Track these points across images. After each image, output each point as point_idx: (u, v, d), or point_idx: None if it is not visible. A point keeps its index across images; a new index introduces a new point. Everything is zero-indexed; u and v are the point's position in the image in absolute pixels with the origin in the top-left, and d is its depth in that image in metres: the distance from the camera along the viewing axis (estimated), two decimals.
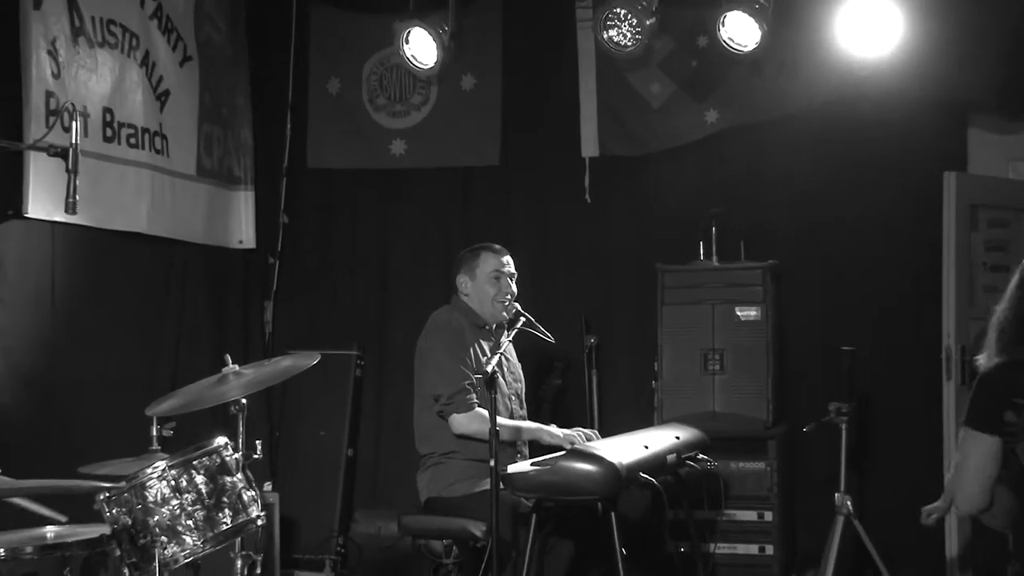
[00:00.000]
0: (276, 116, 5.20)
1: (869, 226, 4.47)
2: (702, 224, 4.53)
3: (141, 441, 2.89)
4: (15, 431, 3.74)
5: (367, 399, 5.04)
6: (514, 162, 4.98)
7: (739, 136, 4.68)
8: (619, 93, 4.79)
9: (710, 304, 4.39)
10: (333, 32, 5.16)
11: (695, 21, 4.55)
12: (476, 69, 4.98)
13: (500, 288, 3.58)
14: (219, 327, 4.97)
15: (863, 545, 3.91)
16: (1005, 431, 2.16)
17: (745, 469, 4.29)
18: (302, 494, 4.79)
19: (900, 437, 4.39)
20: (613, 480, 3.08)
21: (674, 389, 4.42)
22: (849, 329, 4.29)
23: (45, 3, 3.86)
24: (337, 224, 5.23)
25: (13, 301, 3.83)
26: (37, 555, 2.34)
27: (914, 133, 4.35)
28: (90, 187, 3.77)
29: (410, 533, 3.75)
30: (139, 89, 4.37)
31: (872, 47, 4.05)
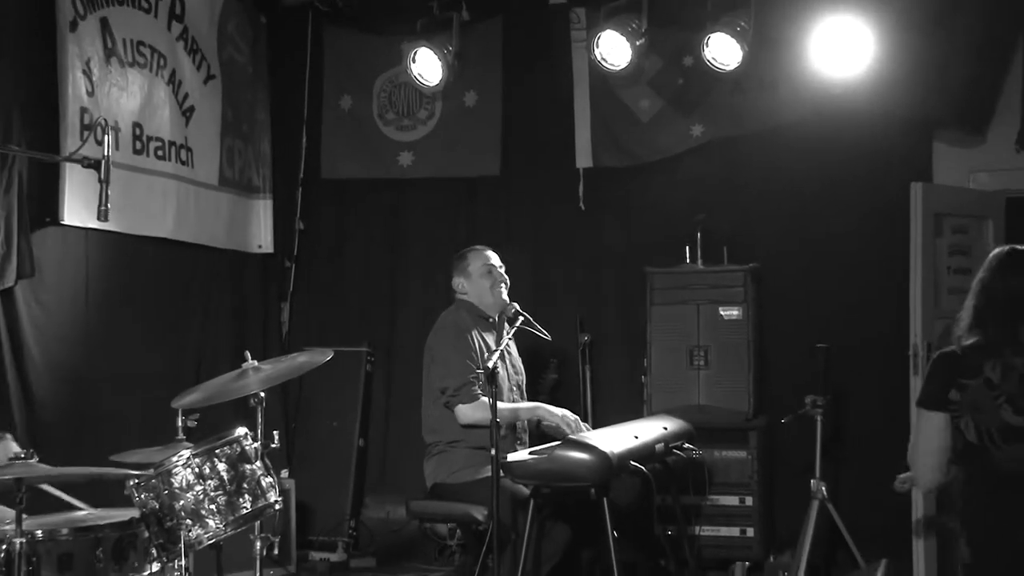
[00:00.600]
0: (292, 130, 5.20)
1: (843, 232, 4.46)
2: (688, 230, 4.52)
3: (167, 431, 2.84)
4: (52, 422, 3.76)
5: (376, 393, 5.03)
6: (513, 172, 4.97)
7: (722, 148, 4.68)
8: (611, 108, 4.79)
9: (695, 304, 4.40)
10: (345, 52, 5.16)
11: (681, 42, 4.54)
12: (478, 86, 4.98)
13: (495, 279, 3.60)
14: (239, 326, 4.96)
15: (836, 527, 3.92)
16: (950, 408, 2.20)
17: (728, 457, 4.29)
18: (316, 481, 4.79)
19: (871, 428, 4.38)
20: (605, 468, 3.10)
21: (662, 383, 4.43)
22: (824, 328, 4.28)
23: (80, 26, 3.88)
24: (349, 230, 5.23)
25: (50, 302, 3.85)
26: (72, 536, 2.35)
27: (883, 147, 4.36)
28: (121, 196, 3.78)
29: (417, 517, 3.76)
30: (166, 105, 4.39)
31: (845, 67, 4.07)
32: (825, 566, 3.99)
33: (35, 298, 3.78)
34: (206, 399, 2.85)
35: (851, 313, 4.43)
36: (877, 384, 4.33)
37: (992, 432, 2.16)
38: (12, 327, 3.66)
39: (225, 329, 4.85)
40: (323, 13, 5.10)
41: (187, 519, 2.44)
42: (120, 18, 4.11)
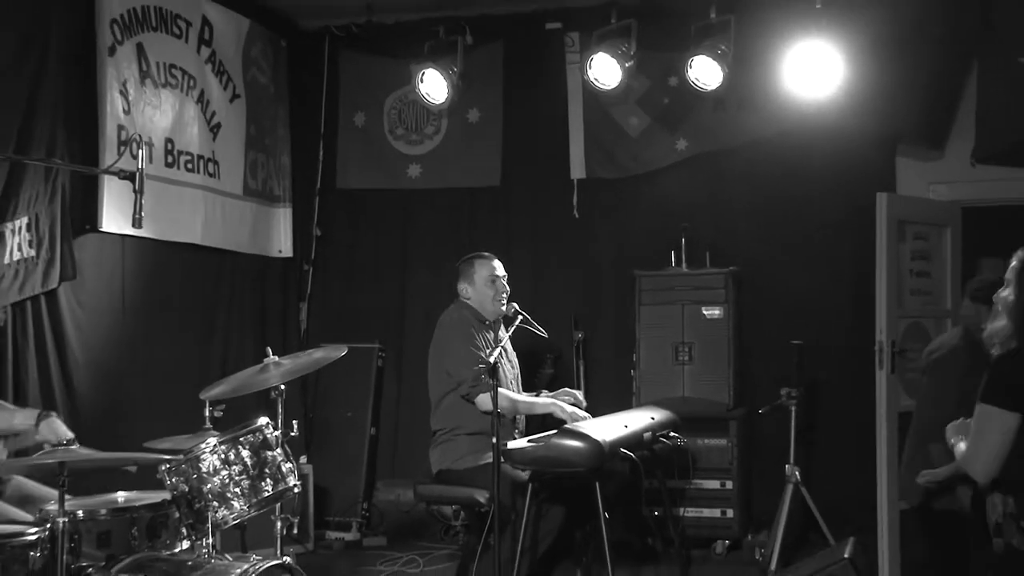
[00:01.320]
0: (310, 144, 5.21)
1: (815, 238, 4.48)
2: (673, 236, 4.53)
3: (196, 421, 2.84)
4: (92, 411, 3.77)
5: (387, 386, 4.99)
6: (513, 183, 4.98)
7: (705, 162, 4.70)
8: (602, 125, 4.80)
9: (680, 304, 4.41)
10: (359, 73, 5.16)
11: (667, 64, 4.56)
12: (480, 104, 4.99)
13: (497, 290, 3.57)
14: (261, 324, 4.96)
15: (809, 508, 3.92)
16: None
17: (709, 445, 4.30)
18: (332, 466, 4.77)
19: (840, 417, 4.39)
20: (597, 455, 3.10)
21: (649, 377, 4.44)
22: (798, 326, 4.26)
23: (119, 51, 3.90)
24: (362, 236, 5.21)
25: (89, 303, 3.86)
26: (110, 516, 2.36)
27: (851, 160, 4.38)
28: (154, 205, 3.78)
29: (424, 500, 3.76)
30: (195, 122, 4.40)
31: (816, 88, 4.06)
32: (798, 544, 3.97)
33: (76, 299, 3.79)
34: (231, 391, 2.85)
35: (822, 312, 4.44)
36: (846, 377, 4.34)
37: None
38: (56, 326, 3.68)
39: (248, 327, 4.85)
40: (339, 37, 5.12)
41: (214, 501, 2.44)
42: (154, 43, 4.13)
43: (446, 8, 4.71)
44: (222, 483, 2.46)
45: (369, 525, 4.72)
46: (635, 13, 4.39)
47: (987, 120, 4.18)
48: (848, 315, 4.36)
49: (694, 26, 4.25)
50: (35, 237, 3.55)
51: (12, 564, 2.06)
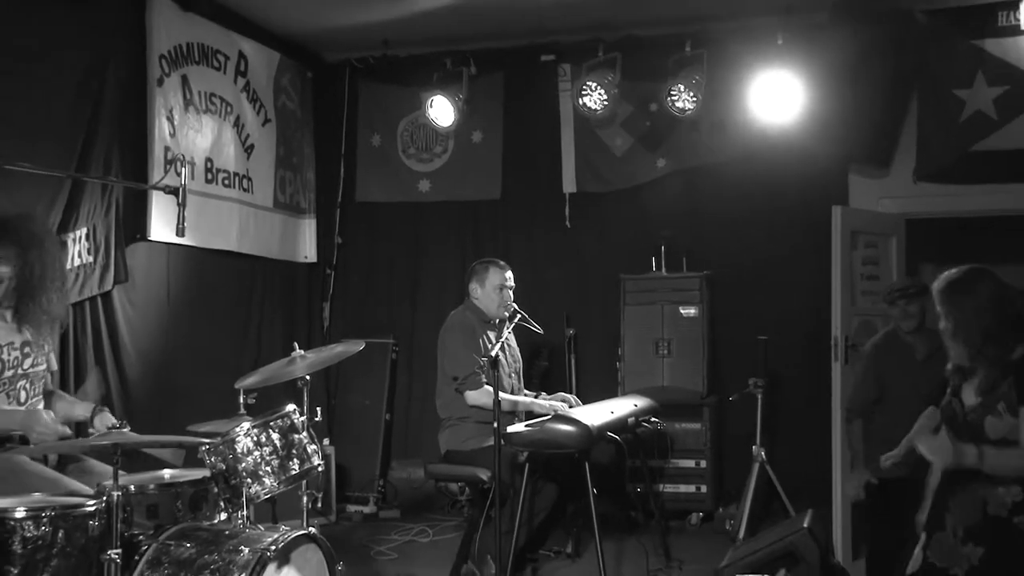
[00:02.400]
0: (332, 162, 5.18)
1: (778, 245, 4.48)
2: (654, 243, 4.56)
3: (232, 407, 2.86)
4: (141, 398, 3.79)
5: (400, 376, 5.01)
6: (511, 196, 4.96)
7: (682, 178, 4.70)
8: (591, 145, 4.81)
9: (660, 304, 4.43)
10: (375, 100, 5.16)
11: (648, 92, 4.57)
12: (483, 126, 4.99)
13: (503, 297, 3.54)
14: (289, 321, 4.96)
15: (773, 484, 3.96)
16: None
17: (685, 428, 4.33)
18: (352, 448, 4.79)
19: (800, 404, 4.40)
20: (586, 437, 3.12)
21: (633, 368, 4.45)
22: (764, 323, 4.28)
23: (166, 82, 3.93)
24: (378, 244, 5.19)
25: (139, 303, 3.88)
26: (157, 491, 2.34)
27: (810, 177, 4.39)
28: (195, 216, 3.78)
29: (433, 477, 3.81)
30: (232, 144, 4.41)
31: (779, 113, 4.12)
32: (763, 515, 3.98)
33: (128, 299, 3.81)
34: (263, 381, 2.85)
35: (785, 311, 4.45)
36: (805, 368, 4.35)
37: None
38: (110, 323, 3.70)
39: (278, 324, 4.86)
40: (358, 69, 5.11)
41: (248, 478, 2.40)
42: (197, 75, 4.14)
43: (452, 43, 4.71)
44: (255, 462, 2.44)
45: (384, 500, 4.74)
46: (619, 47, 4.44)
47: (925, 144, 4.23)
48: (807, 313, 4.37)
49: (671, 59, 4.31)
50: (93, 245, 3.57)
51: (74, 531, 2.05)
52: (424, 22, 4.46)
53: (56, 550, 2.02)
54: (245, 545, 2.17)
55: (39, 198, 3.30)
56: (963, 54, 4.07)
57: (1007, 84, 4.03)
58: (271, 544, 2.17)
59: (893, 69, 4.14)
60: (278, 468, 2.49)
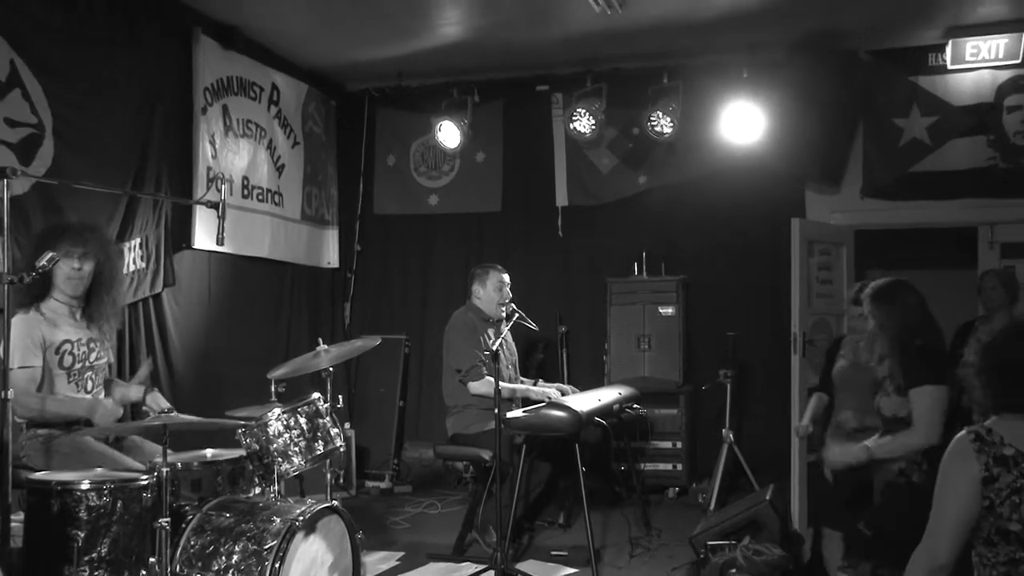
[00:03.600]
0: (353, 179, 5.18)
1: (745, 253, 4.50)
2: (636, 251, 4.57)
3: (264, 395, 2.84)
4: (186, 387, 3.82)
5: (412, 368, 4.99)
6: (510, 209, 4.96)
7: (660, 192, 4.70)
8: (581, 164, 4.82)
9: (641, 304, 4.44)
10: (391, 124, 5.16)
11: (630, 117, 4.60)
12: (485, 148, 4.98)
13: (502, 296, 3.55)
14: (314, 319, 4.94)
15: (740, 462, 3.97)
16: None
17: (663, 414, 4.34)
18: (370, 431, 4.78)
19: (764, 392, 4.41)
20: (577, 422, 3.13)
21: (617, 361, 4.47)
22: (732, 321, 4.30)
23: (209, 111, 3.95)
24: (393, 251, 5.19)
25: (184, 303, 3.91)
26: (201, 467, 2.38)
27: (772, 192, 4.40)
28: (233, 228, 3.79)
29: (441, 457, 3.76)
30: (265, 164, 4.42)
31: (745, 137, 4.14)
32: (731, 490, 3.99)
33: (175, 300, 3.83)
34: (291, 372, 2.87)
35: (750, 311, 4.47)
36: (768, 361, 4.36)
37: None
38: (160, 321, 3.73)
39: (304, 322, 4.85)
40: (376, 97, 5.11)
41: (279, 457, 2.44)
42: (236, 104, 4.16)
43: (458, 74, 4.73)
44: (285, 443, 2.46)
45: (398, 476, 4.74)
46: (605, 79, 4.46)
47: (870, 165, 4.29)
48: (770, 313, 4.38)
49: (651, 89, 4.33)
50: (145, 253, 3.60)
51: (131, 502, 2.09)
52: (433, 56, 4.50)
53: (115, 518, 2.07)
54: (277, 515, 2.21)
55: (101, 212, 3.34)
56: (901, 88, 4.17)
57: (938, 114, 4.14)
58: (299, 515, 2.20)
59: (842, 100, 4.19)
60: (305, 448, 2.50)
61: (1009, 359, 1.41)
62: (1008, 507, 1.35)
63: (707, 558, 3.02)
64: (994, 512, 1.36)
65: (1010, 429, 1.39)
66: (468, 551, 3.37)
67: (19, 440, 2.38)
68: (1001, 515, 1.36)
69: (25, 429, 2.43)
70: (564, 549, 3.37)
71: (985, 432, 1.40)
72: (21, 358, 2.36)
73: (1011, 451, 1.37)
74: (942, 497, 1.42)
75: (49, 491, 2.06)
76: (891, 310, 2.22)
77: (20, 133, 3.00)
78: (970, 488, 1.37)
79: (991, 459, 1.37)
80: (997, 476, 1.36)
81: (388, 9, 3.86)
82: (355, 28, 4.13)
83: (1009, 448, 1.37)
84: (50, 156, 3.10)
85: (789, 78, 4.10)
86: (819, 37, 4.04)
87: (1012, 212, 4.12)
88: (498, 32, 4.14)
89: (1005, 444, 1.37)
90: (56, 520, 2.04)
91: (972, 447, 1.39)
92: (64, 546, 2.02)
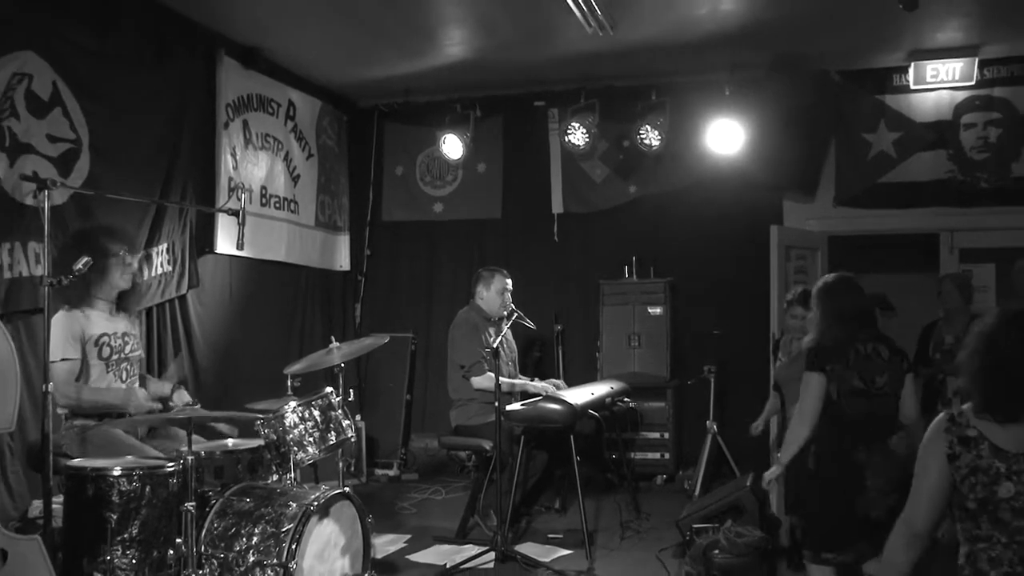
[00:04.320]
0: (363, 188, 5.16)
1: (728, 257, 4.49)
2: (627, 255, 4.58)
3: (281, 389, 2.86)
4: (209, 382, 3.83)
5: (418, 364, 4.99)
6: (510, 216, 4.96)
7: (649, 201, 4.71)
8: (575, 174, 4.82)
9: (632, 305, 4.45)
10: (398, 137, 5.16)
11: (621, 131, 4.60)
12: (486, 159, 4.97)
13: (504, 300, 3.56)
14: (327, 319, 4.94)
15: (723, 451, 3.98)
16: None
17: (652, 407, 4.35)
18: (379, 422, 4.78)
19: (744, 386, 4.36)
20: (572, 414, 3.16)
21: (609, 357, 4.47)
22: (716, 320, 4.32)
23: (231, 125, 3.97)
24: (400, 255, 5.18)
25: (208, 303, 3.92)
26: (223, 456, 2.41)
27: (752, 201, 4.40)
28: (252, 233, 3.85)
29: (445, 447, 3.75)
30: (282, 174, 4.43)
31: (727, 150, 4.15)
32: (714, 477, 4.00)
33: (199, 300, 3.84)
34: (306, 368, 2.87)
35: (733, 311, 4.45)
36: (748, 358, 4.34)
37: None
38: (185, 320, 3.74)
39: (318, 321, 4.84)
40: (384, 112, 5.11)
41: (294, 446, 2.43)
42: (255, 119, 4.18)
43: (461, 91, 4.74)
44: (300, 434, 2.46)
45: (406, 465, 4.74)
46: (598, 95, 4.47)
47: (842, 176, 4.34)
48: (750, 313, 4.37)
49: (640, 105, 4.35)
50: (171, 257, 3.62)
51: (158, 487, 2.12)
52: (438, 75, 4.52)
53: (144, 502, 2.10)
54: (293, 501, 2.23)
55: (132, 219, 3.37)
56: (869, 106, 4.24)
57: (903, 130, 4.22)
58: (314, 500, 2.22)
59: (816, 117, 4.24)
60: (319, 439, 2.51)
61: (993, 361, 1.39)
62: (967, 486, 1.37)
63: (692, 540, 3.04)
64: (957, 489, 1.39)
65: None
66: (470, 534, 3.37)
67: (59, 430, 2.41)
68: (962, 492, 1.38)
69: (64, 420, 2.46)
70: (560, 532, 3.38)
71: (957, 414, 1.43)
72: (61, 351, 2.39)
73: (974, 432, 1.39)
74: (918, 471, 1.44)
75: (84, 477, 2.09)
76: (825, 302, 2.26)
77: (60, 148, 3.04)
78: (940, 463, 1.40)
79: (956, 439, 1.40)
80: (959, 455, 1.38)
81: (396, 32, 3.90)
82: (366, 49, 4.16)
83: (973, 430, 1.39)
84: (86, 168, 3.14)
85: (767, 96, 4.13)
86: (794, 58, 4.09)
87: (969, 220, 4.19)
88: (498, 52, 4.17)
89: (970, 426, 1.40)
90: (91, 503, 2.07)
91: (944, 426, 1.42)
92: (99, 527, 2.05)
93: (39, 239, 2.52)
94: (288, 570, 2.08)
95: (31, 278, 2.85)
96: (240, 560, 2.14)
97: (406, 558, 3.14)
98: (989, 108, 4.12)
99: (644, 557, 3.16)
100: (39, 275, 2.71)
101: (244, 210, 2.64)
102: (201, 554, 2.16)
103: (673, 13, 3.62)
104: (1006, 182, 4.09)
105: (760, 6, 3.55)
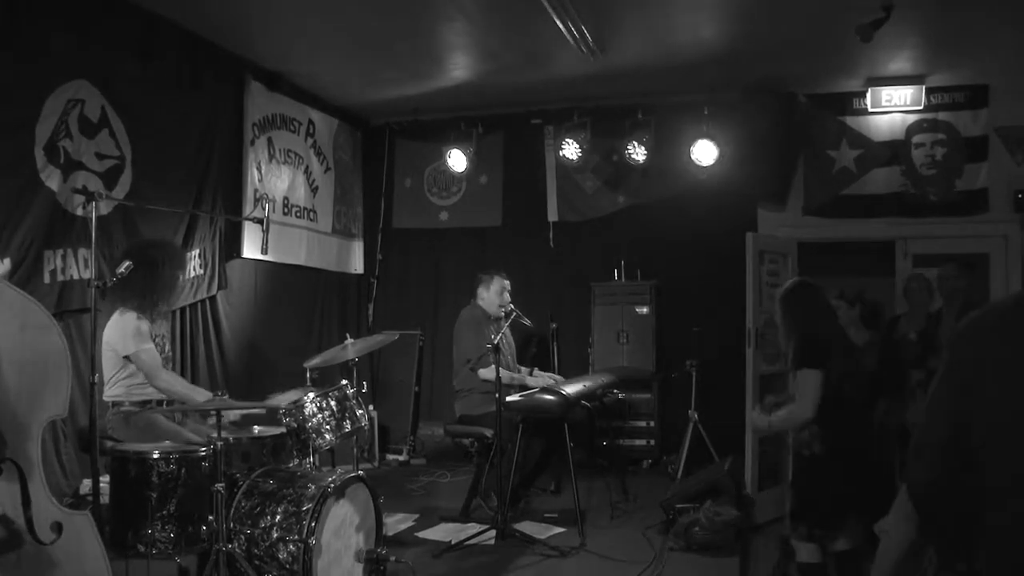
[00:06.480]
0: (375, 199, 5.17)
1: (707, 261, 4.48)
2: (616, 259, 4.59)
3: (301, 381, 2.88)
4: (236, 375, 3.87)
5: (425, 359, 5.00)
6: (510, 224, 4.96)
7: (636, 210, 4.71)
8: (568, 185, 4.82)
9: (621, 305, 4.46)
10: (408, 152, 5.17)
11: (611, 146, 4.61)
12: (488, 172, 4.98)
13: (503, 300, 3.59)
14: (343, 317, 4.97)
15: (703, 438, 3.98)
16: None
17: (639, 398, 4.36)
18: (390, 412, 4.81)
19: (723, 379, 4.26)
20: (566, 405, 3.16)
21: (600, 353, 4.48)
22: (697, 318, 4.28)
23: (256, 142, 4.01)
24: (409, 259, 5.18)
25: (235, 304, 3.96)
26: (249, 442, 2.40)
27: (729, 209, 4.39)
28: (275, 240, 3.90)
29: (450, 435, 3.75)
30: (302, 186, 4.46)
31: (707, 163, 4.19)
32: (695, 462, 3.99)
33: (227, 301, 3.87)
34: (324, 362, 2.88)
35: (712, 310, 4.43)
36: (727, 353, 4.22)
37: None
38: (215, 319, 3.79)
39: (334, 319, 4.87)
40: (395, 129, 5.13)
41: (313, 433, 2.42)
42: (279, 136, 4.21)
43: (465, 110, 4.76)
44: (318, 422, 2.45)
45: (414, 451, 4.75)
46: (590, 114, 4.49)
47: (809, 189, 4.39)
48: (728, 311, 4.31)
49: (627, 122, 4.38)
50: (203, 261, 3.65)
51: (193, 469, 2.14)
52: (444, 96, 4.55)
53: (180, 482, 2.12)
54: (312, 483, 2.24)
55: (168, 227, 3.42)
56: (832, 126, 4.33)
57: (862, 148, 4.33)
58: (331, 482, 2.24)
59: (785, 134, 4.28)
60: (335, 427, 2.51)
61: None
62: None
63: (675, 518, 3.08)
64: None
65: None
66: (473, 513, 3.39)
67: (105, 416, 2.44)
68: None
69: (111, 407, 2.48)
70: (555, 512, 3.39)
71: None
72: (140, 342, 2.39)
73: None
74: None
75: (128, 459, 2.12)
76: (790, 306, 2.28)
77: (106, 164, 3.10)
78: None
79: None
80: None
81: (406, 58, 3.93)
82: (378, 73, 4.20)
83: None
84: (129, 182, 3.19)
85: (742, 116, 4.18)
86: (766, 82, 4.15)
87: (921, 229, 4.30)
88: (499, 76, 4.20)
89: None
90: (134, 483, 2.09)
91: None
92: (141, 504, 2.08)
93: (87, 246, 2.60)
94: (308, 545, 2.09)
95: (80, 281, 2.90)
96: (265, 536, 2.16)
97: (415, 535, 3.16)
98: (935, 130, 4.27)
99: (631, 534, 3.17)
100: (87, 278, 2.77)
101: (268, 219, 2.66)
102: (230, 530, 2.16)
103: (657, 40, 3.67)
104: (951, 195, 4.24)
105: (735, 35, 3.61)
